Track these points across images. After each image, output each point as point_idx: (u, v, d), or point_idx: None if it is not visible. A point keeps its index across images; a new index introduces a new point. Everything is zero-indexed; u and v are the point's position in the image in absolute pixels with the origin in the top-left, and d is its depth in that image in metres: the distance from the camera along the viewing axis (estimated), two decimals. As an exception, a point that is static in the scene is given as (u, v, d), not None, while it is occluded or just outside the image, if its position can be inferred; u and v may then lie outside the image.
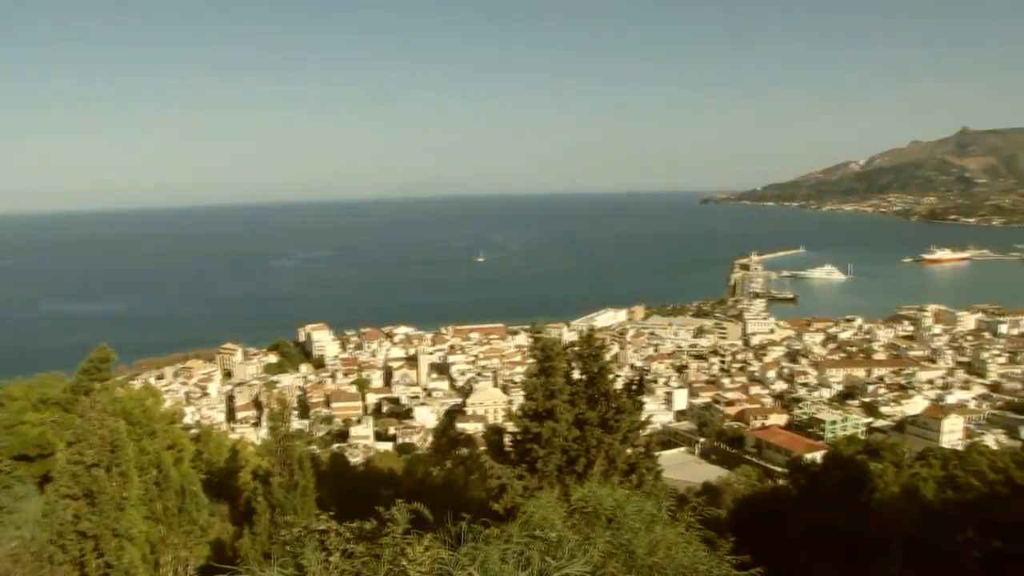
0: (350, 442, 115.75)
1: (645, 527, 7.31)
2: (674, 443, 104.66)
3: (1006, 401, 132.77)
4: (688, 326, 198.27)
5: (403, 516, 5.23)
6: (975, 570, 19.40)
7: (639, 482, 16.27)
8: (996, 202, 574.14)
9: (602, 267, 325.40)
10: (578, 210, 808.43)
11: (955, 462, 40.04)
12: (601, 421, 16.54)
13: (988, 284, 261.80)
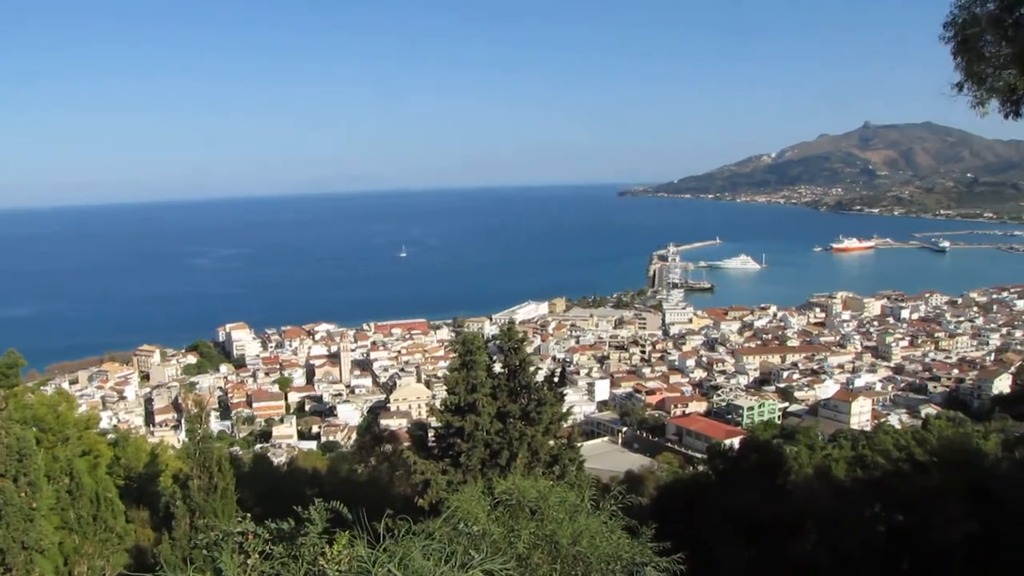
0: (273, 442, 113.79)
1: (568, 517, 7.29)
2: (597, 433, 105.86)
3: (908, 382, 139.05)
4: (609, 317, 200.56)
5: (322, 515, 5.07)
6: (880, 544, 20.11)
7: (562, 473, 16.34)
8: (896, 193, 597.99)
9: (523, 260, 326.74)
10: (498, 204, 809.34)
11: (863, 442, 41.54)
12: (523, 413, 16.57)
13: (891, 271, 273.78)
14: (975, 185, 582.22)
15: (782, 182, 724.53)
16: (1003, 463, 23.88)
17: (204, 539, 5.54)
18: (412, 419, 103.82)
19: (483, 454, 15.95)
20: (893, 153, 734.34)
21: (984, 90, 9.20)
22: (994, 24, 8.92)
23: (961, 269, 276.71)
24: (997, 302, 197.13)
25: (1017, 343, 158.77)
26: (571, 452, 17.41)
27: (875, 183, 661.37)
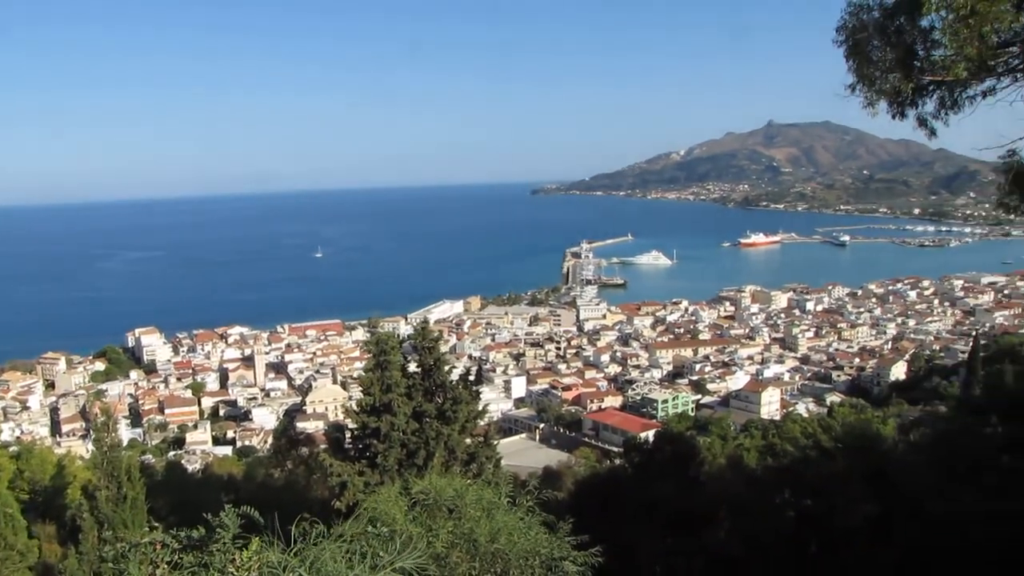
0: (187, 448, 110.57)
1: (486, 515, 7.34)
2: (514, 430, 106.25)
3: (814, 372, 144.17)
4: (524, 314, 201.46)
5: (233, 521, 4.99)
6: (790, 529, 20.80)
7: (479, 471, 16.42)
8: (800, 189, 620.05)
9: (438, 259, 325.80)
10: (412, 203, 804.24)
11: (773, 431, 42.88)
12: (439, 413, 16.58)
13: (796, 265, 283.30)
14: (871, 182, 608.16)
15: (691, 179, 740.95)
16: (899, 446, 25.05)
17: (111, 551, 5.39)
18: (329, 421, 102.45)
19: (400, 454, 15.89)
20: (796, 151, 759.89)
21: (874, 92, 9.62)
22: (879, 30, 9.36)
23: (860, 262, 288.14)
24: (892, 293, 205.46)
25: (911, 332, 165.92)
26: (488, 450, 17.50)
27: (779, 180, 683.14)
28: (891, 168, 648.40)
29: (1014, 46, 8.55)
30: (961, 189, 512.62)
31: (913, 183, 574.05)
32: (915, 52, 9.36)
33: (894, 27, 9.43)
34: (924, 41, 9.26)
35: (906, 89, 9.58)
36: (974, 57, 8.22)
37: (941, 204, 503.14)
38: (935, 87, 9.87)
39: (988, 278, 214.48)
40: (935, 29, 8.80)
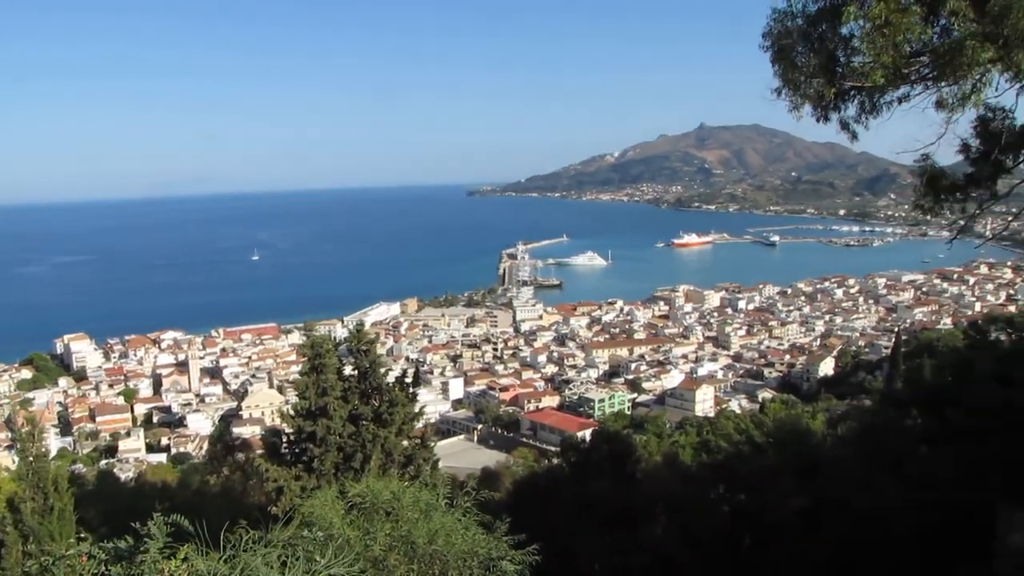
0: (119, 457, 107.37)
1: (424, 517, 7.36)
2: (452, 431, 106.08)
3: (746, 369, 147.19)
4: (461, 316, 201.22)
5: (162, 530, 4.91)
6: (725, 524, 21.23)
7: (417, 473, 16.39)
8: (731, 191, 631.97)
9: (375, 262, 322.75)
10: (348, 205, 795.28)
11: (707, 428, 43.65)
12: (375, 415, 16.51)
13: (728, 264, 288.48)
14: (799, 183, 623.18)
15: (625, 181, 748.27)
16: (828, 440, 25.77)
17: (33, 565, 5.27)
18: (266, 426, 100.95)
19: (336, 458, 15.79)
20: (727, 153, 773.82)
21: (798, 96, 9.91)
22: (803, 37, 9.66)
23: (789, 261, 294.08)
24: (820, 291, 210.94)
25: (838, 329, 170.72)
26: (425, 452, 17.50)
27: (711, 181, 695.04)
28: (818, 170, 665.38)
29: (924, 56, 8.92)
30: (883, 191, 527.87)
31: (838, 185, 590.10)
32: (837, 58, 9.68)
33: (817, 34, 9.73)
34: (845, 48, 9.58)
35: (829, 94, 9.90)
36: (890, 65, 8.55)
37: (865, 205, 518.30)
38: (856, 92, 10.23)
39: (908, 276, 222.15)
40: (854, 37, 9.12)
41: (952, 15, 8.31)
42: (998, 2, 7.90)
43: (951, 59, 8.23)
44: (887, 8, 8.37)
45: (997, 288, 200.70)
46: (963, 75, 8.33)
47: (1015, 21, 7.78)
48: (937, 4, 8.53)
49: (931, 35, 8.72)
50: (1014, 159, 10.87)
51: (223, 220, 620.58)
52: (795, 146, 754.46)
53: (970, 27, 8.15)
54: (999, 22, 7.89)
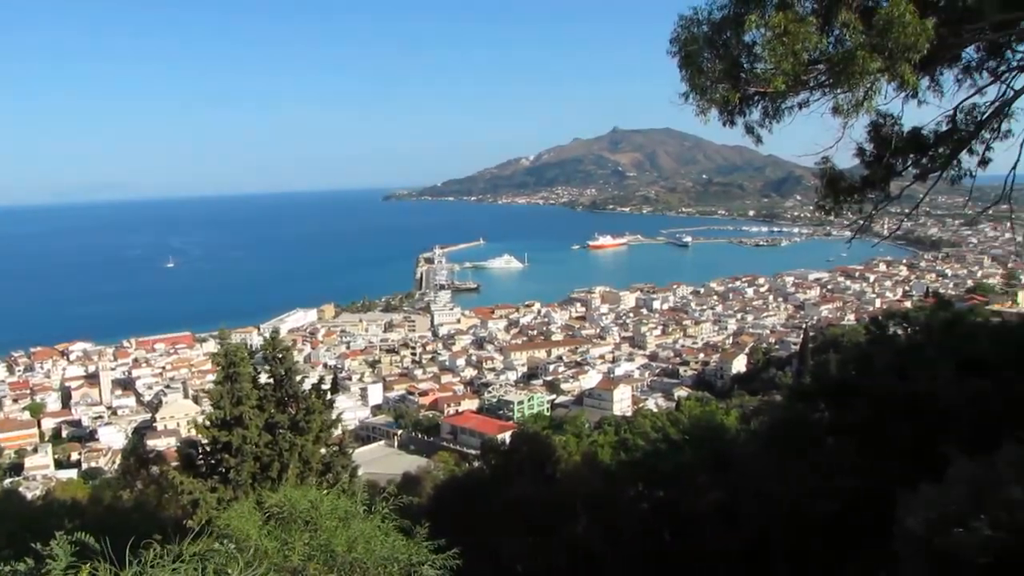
0: (26, 474, 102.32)
1: (343, 524, 7.30)
2: (372, 437, 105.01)
3: (662, 368, 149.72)
4: (378, 321, 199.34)
5: (65, 549, 4.77)
6: (644, 519, 21.62)
7: (335, 480, 16.23)
8: (644, 193, 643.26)
9: (290, 268, 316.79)
10: (262, 211, 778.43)
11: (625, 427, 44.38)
12: (292, 423, 16.31)
13: (642, 265, 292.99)
14: (709, 185, 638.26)
15: (540, 184, 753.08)
16: (741, 435, 26.46)
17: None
18: (181, 437, 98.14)
19: (253, 468, 15.51)
20: (639, 156, 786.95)
21: (705, 101, 10.21)
22: (709, 43, 9.97)
23: (702, 262, 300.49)
24: (732, 290, 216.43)
25: (749, 326, 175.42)
26: (343, 459, 17.33)
27: (625, 184, 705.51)
28: (727, 172, 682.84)
29: (821, 64, 9.33)
30: (789, 192, 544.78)
31: (747, 187, 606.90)
32: (741, 65, 10.03)
33: (722, 41, 10.06)
34: (748, 55, 9.94)
35: (734, 99, 10.24)
36: (789, 71, 8.91)
37: (772, 206, 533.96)
38: (759, 98, 10.61)
39: (814, 275, 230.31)
40: (757, 44, 9.47)
41: (844, 26, 8.72)
42: (882, 16, 8.35)
43: (844, 68, 8.62)
44: (786, 18, 8.73)
45: (895, 285, 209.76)
46: (856, 83, 8.73)
47: (897, 35, 8.23)
48: (831, 16, 8.95)
49: (826, 44, 9.13)
50: (903, 162, 11.46)
51: (131, 227, 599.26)
52: (705, 149, 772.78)
53: (860, 38, 8.57)
54: (884, 35, 8.33)
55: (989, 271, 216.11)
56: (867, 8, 9.00)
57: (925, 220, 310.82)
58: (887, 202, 12.09)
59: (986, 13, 9.37)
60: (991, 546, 8.82)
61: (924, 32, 8.28)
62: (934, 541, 9.38)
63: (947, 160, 11.51)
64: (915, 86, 9.59)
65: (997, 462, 10.06)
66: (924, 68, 9.94)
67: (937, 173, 11.64)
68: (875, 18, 8.48)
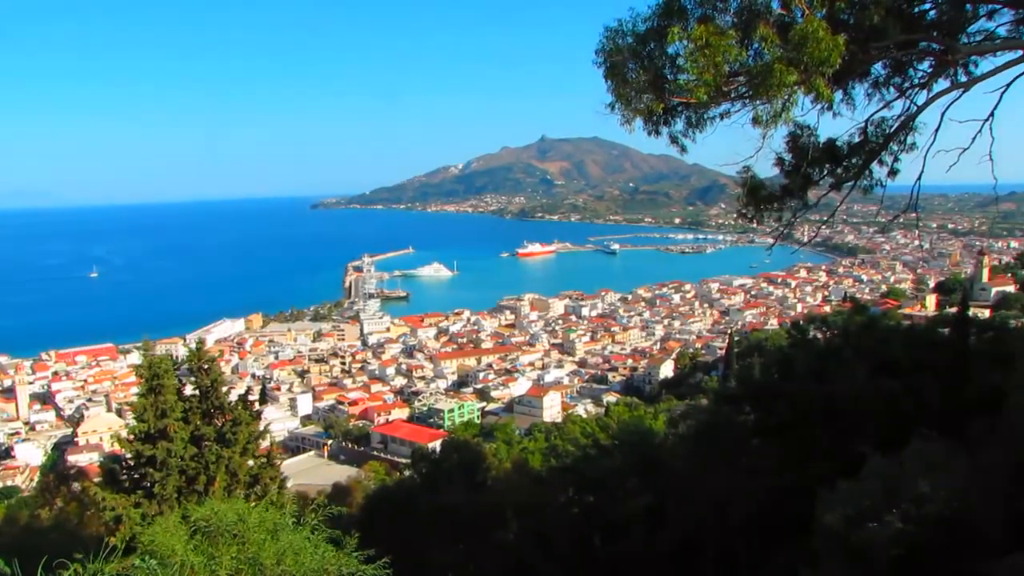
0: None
1: (271, 537, 7.23)
2: (302, 448, 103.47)
3: (591, 374, 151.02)
4: (307, 330, 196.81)
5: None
6: (575, 524, 21.82)
7: (263, 492, 15.99)
8: (572, 201, 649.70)
9: (217, 277, 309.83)
10: (188, 219, 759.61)
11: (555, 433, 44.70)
12: (219, 435, 16.01)
13: (571, 273, 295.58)
14: (636, 194, 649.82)
15: (470, 192, 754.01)
16: (669, 439, 26.92)
17: None
18: (104, 452, 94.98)
19: (179, 481, 15.17)
20: (568, 164, 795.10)
21: (630, 110, 10.42)
22: (633, 54, 10.19)
23: (629, 269, 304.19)
24: (659, 297, 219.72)
25: (676, 332, 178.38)
26: (272, 470, 17.06)
27: (553, 192, 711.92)
28: (654, 181, 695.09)
29: (741, 76, 9.64)
30: (714, 200, 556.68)
31: (673, 195, 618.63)
32: (665, 76, 10.27)
33: (646, 52, 10.29)
34: (672, 66, 10.19)
35: (658, 109, 10.49)
36: (711, 83, 9.18)
37: (698, 214, 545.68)
38: (683, 108, 10.89)
39: (739, 281, 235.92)
40: (680, 56, 9.72)
41: (763, 40, 9.02)
42: (798, 32, 8.68)
43: (763, 80, 8.92)
44: (707, 31, 9.00)
45: (815, 290, 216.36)
46: (774, 94, 9.04)
47: (811, 50, 8.57)
48: (750, 30, 9.25)
49: (746, 57, 9.43)
50: (819, 172, 11.90)
51: (51, 235, 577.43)
52: (632, 158, 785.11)
53: (777, 52, 8.89)
54: (799, 49, 8.66)
55: (901, 276, 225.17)
56: (784, 23, 9.32)
57: (842, 227, 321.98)
58: (805, 210, 12.53)
59: (890, 33, 9.84)
60: (902, 538, 9.21)
61: (836, 48, 8.64)
62: (850, 536, 9.75)
63: (860, 170, 12.00)
64: (829, 99, 9.96)
65: (907, 459, 10.51)
66: (837, 82, 10.36)
67: (851, 183, 12.12)
68: (791, 33, 8.80)
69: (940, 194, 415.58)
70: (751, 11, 9.57)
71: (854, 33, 9.59)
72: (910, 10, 11.01)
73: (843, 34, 8.92)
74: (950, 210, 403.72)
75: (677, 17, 9.92)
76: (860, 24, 9.71)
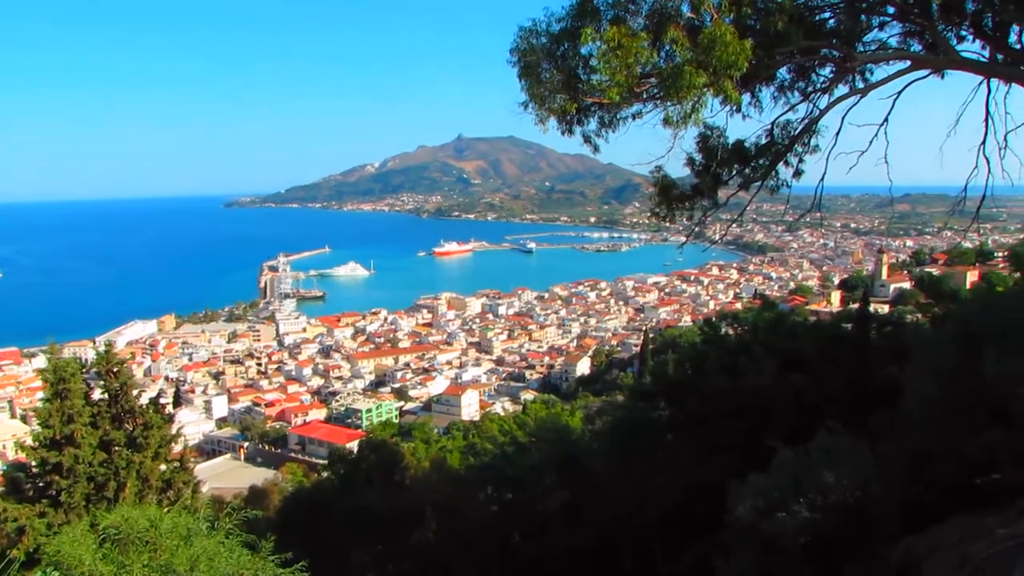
0: None
1: (184, 543, 7.07)
2: (218, 451, 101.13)
3: (509, 372, 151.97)
4: (222, 332, 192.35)
5: None
6: (494, 522, 21.90)
7: (176, 497, 15.60)
8: (489, 200, 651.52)
9: (127, 278, 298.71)
10: (96, 218, 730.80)
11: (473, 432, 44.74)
12: (129, 440, 15.55)
13: (488, 271, 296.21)
14: (552, 193, 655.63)
15: (386, 191, 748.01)
16: (586, 435, 27.25)
17: None
18: (8, 460, 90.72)
19: (87, 489, 14.66)
20: (484, 163, 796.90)
21: (544, 110, 10.54)
22: (548, 54, 10.31)
23: (546, 267, 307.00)
24: (575, 295, 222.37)
25: (592, 330, 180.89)
26: (185, 474, 16.66)
27: (470, 191, 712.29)
28: (569, 180, 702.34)
29: (652, 77, 9.85)
30: (628, 199, 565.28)
31: (588, 194, 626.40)
32: (578, 76, 10.41)
33: (560, 52, 10.42)
34: (585, 67, 10.34)
35: (571, 109, 10.63)
36: (623, 83, 9.36)
37: (613, 213, 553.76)
38: (596, 108, 11.07)
39: (653, 278, 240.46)
40: (593, 57, 9.87)
41: (673, 43, 9.26)
42: (706, 35, 8.93)
43: (674, 81, 9.15)
44: (620, 32, 9.17)
45: (727, 287, 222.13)
46: (684, 96, 9.28)
47: (720, 53, 8.84)
48: (661, 32, 9.47)
49: (657, 59, 9.65)
50: (729, 172, 12.26)
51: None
52: (548, 157, 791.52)
53: (688, 55, 9.13)
54: (708, 52, 8.92)
55: (808, 274, 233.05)
56: (694, 27, 9.57)
57: (752, 226, 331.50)
58: (715, 209, 12.89)
59: (793, 40, 10.21)
60: (809, 527, 9.57)
61: (743, 52, 8.92)
62: (760, 527, 10.07)
63: (767, 171, 12.42)
64: (737, 101, 10.27)
65: (813, 450, 10.90)
66: (745, 85, 10.70)
67: (759, 183, 12.53)
68: (700, 37, 9.05)
69: (843, 195, 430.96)
70: (662, 14, 9.77)
71: (760, 38, 9.92)
72: (812, 18, 11.47)
73: (750, 39, 9.22)
74: (852, 210, 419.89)
75: (590, 18, 10.06)
76: (766, 30, 10.05)
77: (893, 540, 9.48)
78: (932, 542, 8.99)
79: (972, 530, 8.68)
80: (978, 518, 9.04)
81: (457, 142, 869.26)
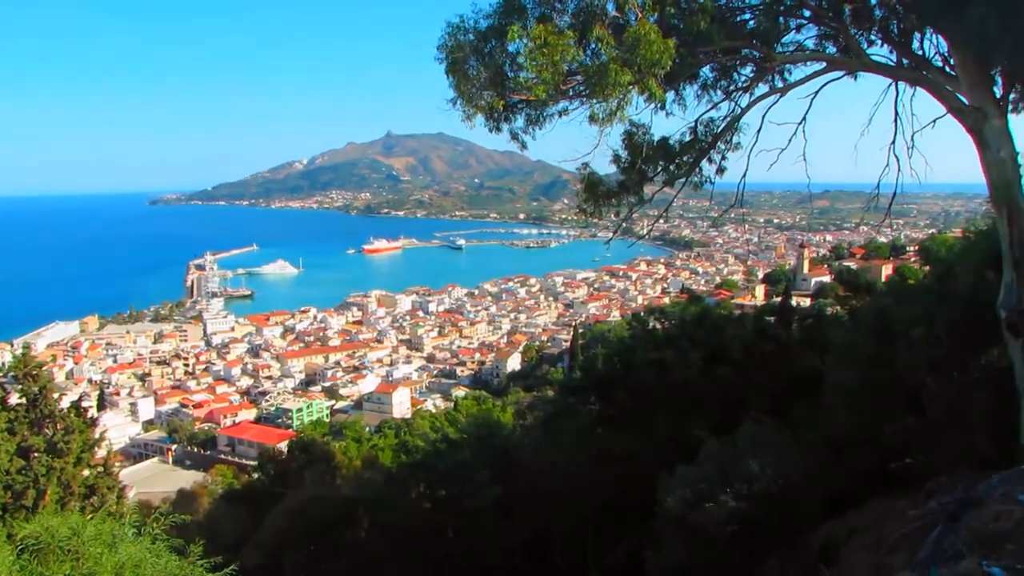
0: None
1: (109, 550, 6.92)
2: (145, 455, 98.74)
3: (440, 369, 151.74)
4: (147, 332, 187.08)
5: None
6: (427, 518, 21.91)
7: (101, 503, 15.18)
8: (418, 197, 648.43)
9: (47, 278, 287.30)
10: (9, 215, 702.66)
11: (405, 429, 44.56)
12: (49, 445, 15.07)
13: (417, 268, 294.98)
14: (482, 189, 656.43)
15: (315, 188, 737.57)
16: (517, 430, 27.44)
17: None
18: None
19: (3, 498, 14.17)
20: (413, 160, 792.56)
21: (472, 107, 10.57)
22: (475, 51, 10.34)
23: (476, 264, 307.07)
24: (505, 291, 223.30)
25: (523, 326, 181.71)
26: (109, 480, 16.22)
27: (399, 188, 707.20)
28: (498, 176, 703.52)
29: (579, 75, 9.97)
30: (557, 196, 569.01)
31: (518, 191, 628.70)
32: (505, 73, 10.47)
33: (487, 49, 10.45)
34: (512, 64, 10.40)
35: (499, 106, 10.70)
36: (550, 81, 9.45)
37: (542, 210, 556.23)
38: (523, 105, 11.14)
39: (582, 274, 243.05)
40: (520, 54, 9.93)
41: (599, 41, 9.38)
42: (631, 34, 9.08)
43: (599, 79, 9.27)
44: (546, 30, 9.25)
45: (654, 282, 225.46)
46: (609, 94, 9.41)
47: (644, 51, 9.00)
48: (587, 30, 9.59)
49: (583, 57, 9.76)
50: (654, 169, 12.47)
51: None
52: (477, 154, 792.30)
53: (613, 53, 9.26)
54: (633, 51, 9.07)
55: (733, 268, 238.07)
56: (619, 25, 9.70)
57: (679, 222, 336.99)
58: (641, 205, 13.09)
59: (715, 39, 10.45)
60: (735, 516, 9.84)
61: (667, 50, 9.09)
62: (689, 517, 10.31)
63: (691, 167, 12.68)
64: (662, 99, 10.47)
65: (739, 440, 11.21)
66: (669, 83, 10.92)
67: (683, 179, 12.78)
68: (625, 35, 9.19)
69: (766, 191, 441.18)
70: (588, 12, 9.89)
71: (684, 38, 10.12)
72: (733, 19, 11.75)
73: (674, 38, 9.40)
74: (775, 206, 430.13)
75: (517, 16, 10.13)
76: (689, 29, 10.24)
77: (815, 525, 9.81)
78: (851, 526, 9.33)
79: (886, 513, 9.05)
80: (891, 501, 9.43)
81: (386, 139, 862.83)
